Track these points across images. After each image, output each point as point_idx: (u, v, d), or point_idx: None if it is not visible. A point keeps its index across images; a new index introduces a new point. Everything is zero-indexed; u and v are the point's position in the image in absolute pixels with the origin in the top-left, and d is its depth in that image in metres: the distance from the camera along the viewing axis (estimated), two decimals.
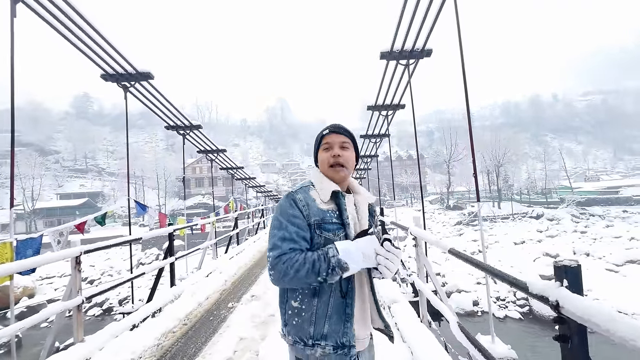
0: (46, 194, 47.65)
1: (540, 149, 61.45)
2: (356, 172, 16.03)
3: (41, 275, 21.28)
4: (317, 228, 1.00)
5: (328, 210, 1.03)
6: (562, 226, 25.84)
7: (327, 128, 1.13)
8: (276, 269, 0.94)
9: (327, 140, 1.10)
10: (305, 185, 1.09)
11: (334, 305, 0.99)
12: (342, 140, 1.10)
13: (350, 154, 1.11)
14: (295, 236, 0.98)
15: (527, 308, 13.63)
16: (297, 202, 1.02)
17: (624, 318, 0.78)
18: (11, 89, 3.06)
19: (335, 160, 1.07)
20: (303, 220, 1.00)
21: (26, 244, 3.06)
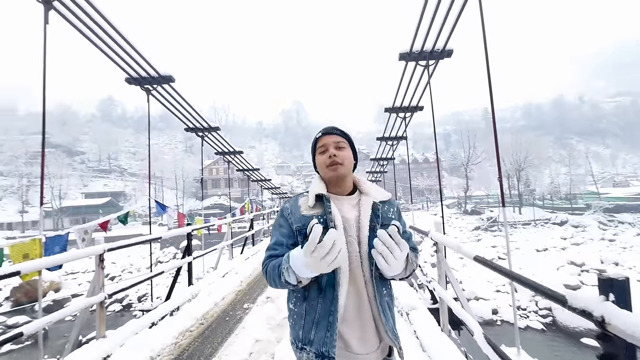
0: (72, 193, 49.90)
1: (564, 152, 58.94)
2: (371, 175, 15.87)
3: (66, 270, 22.23)
4: (299, 234, 1.02)
5: (312, 215, 1.01)
6: (588, 233, 24.58)
7: (320, 131, 1.12)
8: (263, 272, 1.04)
9: (322, 143, 1.09)
10: (300, 193, 1.13)
11: (321, 311, 0.97)
12: (336, 140, 1.08)
13: (347, 152, 1.08)
14: (276, 245, 1.05)
15: (550, 318, 13.02)
16: (284, 211, 1.09)
17: None
18: (43, 93, 3.20)
19: (331, 160, 1.04)
20: (288, 228, 1.05)
21: (54, 241, 3.17)
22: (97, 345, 2.69)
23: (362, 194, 1.10)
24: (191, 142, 73.21)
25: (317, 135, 1.11)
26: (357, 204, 1.07)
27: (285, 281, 0.92)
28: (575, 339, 11.34)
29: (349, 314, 0.99)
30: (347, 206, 1.06)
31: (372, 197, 1.07)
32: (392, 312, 1.05)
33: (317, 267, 0.84)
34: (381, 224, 1.03)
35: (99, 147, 67.91)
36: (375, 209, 1.05)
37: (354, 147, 1.13)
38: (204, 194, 19.90)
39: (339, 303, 0.95)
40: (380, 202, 1.08)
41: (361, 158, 62.89)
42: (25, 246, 2.80)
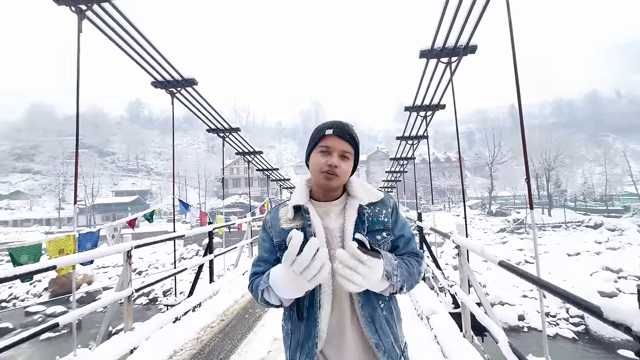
0: (103, 191, 52.83)
1: (599, 150, 55.25)
2: (391, 175, 15.63)
3: (98, 264, 23.56)
4: (279, 250, 0.94)
5: (291, 228, 0.92)
6: (626, 237, 22.96)
7: (331, 127, 0.93)
8: (249, 290, 0.97)
9: (326, 144, 0.92)
10: (282, 202, 1.04)
11: (304, 332, 0.89)
12: (344, 149, 0.92)
13: (349, 164, 0.94)
14: (259, 261, 0.98)
15: (583, 327, 12.29)
16: (265, 224, 1.01)
17: None
18: (77, 97, 3.40)
19: (330, 169, 0.90)
20: (270, 242, 0.98)
21: (86, 237, 3.37)
22: (125, 338, 2.83)
23: (349, 197, 0.97)
24: (213, 142, 75.38)
25: (325, 133, 0.93)
26: (342, 209, 0.95)
27: (266, 302, 0.86)
28: (611, 350, 10.64)
29: (333, 337, 0.90)
30: (331, 214, 0.95)
31: (358, 199, 0.95)
32: (394, 327, 0.94)
33: (297, 284, 0.75)
34: (368, 230, 0.92)
35: (128, 148, 71.44)
36: (361, 214, 0.93)
37: (358, 156, 0.98)
38: (225, 193, 20.41)
39: (319, 327, 0.88)
40: (369, 204, 0.95)
41: (380, 157, 62.36)
42: (61, 242, 2.99)
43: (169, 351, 2.83)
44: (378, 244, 0.92)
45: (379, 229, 0.94)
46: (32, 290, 19.21)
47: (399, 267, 0.85)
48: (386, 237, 0.95)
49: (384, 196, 1.00)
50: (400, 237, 0.98)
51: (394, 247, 0.98)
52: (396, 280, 0.83)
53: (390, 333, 0.91)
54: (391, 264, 0.83)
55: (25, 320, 15.49)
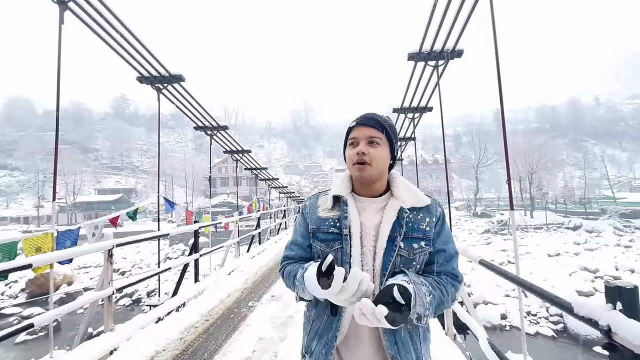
0: (86, 188, 51.19)
1: (579, 155, 57.41)
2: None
3: (79, 264, 22.82)
4: (313, 237, 0.95)
5: (328, 218, 0.93)
6: (603, 239, 23.91)
7: (355, 120, 0.94)
8: (280, 274, 0.99)
9: (353, 135, 0.92)
10: (323, 191, 1.03)
11: (325, 323, 0.89)
12: (371, 134, 0.90)
13: (380, 150, 0.90)
14: (293, 245, 1.00)
15: (561, 325, 12.70)
16: (304, 209, 1.02)
17: None
18: (57, 91, 3.29)
19: (359, 157, 0.89)
20: (305, 228, 0.98)
21: (65, 235, 3.26)
22: (104, 338, 2.75)
23: (392, 197, 0.93)
24: (201, 140, 74.21)
25: (351, 125, 0.94)
26: (382, 208, 0.92)
27: (300, 298, 0.90)
28: (588, 347, 11.04)
29: (352, 337, 0.89)
30: (370, 210, 0.92)
31: (400, 200, 0.90)
32: (419, 345, 0.87)
33: (337, 302, 0.75)
34: (405, 235, 0.87)
35: (112, 145, 69.49)
36: (401, 217, 0.88)
37: (394, 142, 0.94)
38: (212, 192, 20.14)
39: (342, 322, 0.87)
40: (412, 208, 0.90)
41: None
42: (38, 240, 2.89)
43: (150, 352, 2.77)
44: (414, 252, 0.87)
45: (417, 237, 0.88)
46: (8, 292, 18.43)
47: (430, 305, 0.79)
48: (424, 248, 0.88)
49: (431, 202, 0.94)
50: (441, 251, 0.90)
51: (430, 261, 0.90)
52: (425, 322, 0.79)
53: (412, 350, 0.85)
54: (424, 303, 0.76)
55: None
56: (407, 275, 0.80)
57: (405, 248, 0.86)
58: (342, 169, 68.06)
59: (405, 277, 0.79)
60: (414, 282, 0.78)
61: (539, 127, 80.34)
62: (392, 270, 0.85)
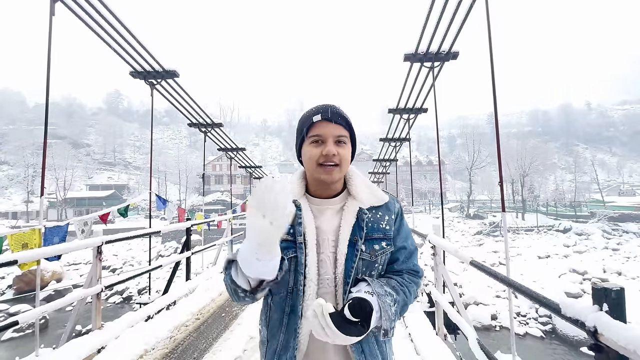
0: (77, 184, 50.35)
1: (570, 159, 58.34)
2: (374, 176, 15.83)
3: (68, 261, 22.47)
4: None
5: None
6: (592, 242, 24.35)
7: (319, 112, 0.82)
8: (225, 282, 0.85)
9: (317, 132, 0.81)
10: None
11: (283, 342, 0.80)
12: (339, 133, 0.81)
13: (348, 150, 0.83)
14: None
15: (550, 326, 12.91)
16: None
17: None
18: (47, 83, 3.22)
19: (327, 159, 0.79)
20: None
21: (53, 231, 3.20)
22: (92, 336, 2.71)
23: (349, 197, 0.87)
24: (195, 137, 73.64)
25: (314, 119, 0.81)
26: (340, 210, 0.85)
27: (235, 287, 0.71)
28: (575, 347, 11.24)
29: (315, 351, 0.80)
30: (327, 213, 0.85)
31: (359, 200, 0.84)
32: (384, 346, 0.84)
33: (260, 237, 0.61)
34: (366, 237, 0.81)
35: (104, 140, 68.50)
36: (360, 218, 0.82)
37: (355, 139, 0.88)
38: (206, 190, 20.00)
39: (299, 338, 0.79)
40: (371, 207, 0.85)
41: (364, 158, 63.00)
42: (25, 235, 2.83)
43: (139, 350, 2.74)
44: (375, 254, 0.82)
45: (378, 237, 0.83)
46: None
47: (395, 315, 0.74)
48: (385, 248, 0.84)
49: (389, 199, 0.89)
50: (402, 249, 0.87)
51: (392, 260, 0.87)
52: (392, 334, 0.74)
53: (378, 353, 0.82)
54: (389, 316, 0.71)
55: None
56: (371, 285, 0.75)
57: (367, 251, 0.81)
58: None
59: (369, 288, 0.74)
60: (378, 293, 0.72)
61: (532, 131, 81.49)
62: (355, 276, 0.79)
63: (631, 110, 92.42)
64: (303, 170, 0.91)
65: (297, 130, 0.88)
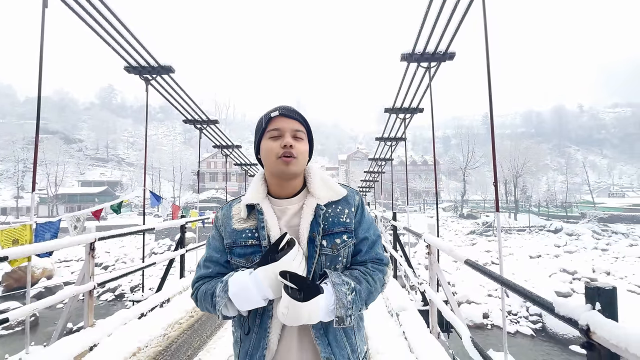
0: (69, 180, 49.65)
1: (562, 160, 59.28)
2: (369, 175, 15.87)
3: (59, 258, 22.17)
4: (230, 252, 0.86)
5: (244, 229, 0.84)
6: (582, 242, 24.77)
7: (276, 109, 0.86)
8: (193, 298, 0.89)
9: (275, 126, 0.84)
10: (235, 198, 0.94)
11: (254, 342, 0.82)
12: (295, 127, 0.85)
13: (304, 146, 0.86)
14: (207, 262, 0.89)
15: (540, 325, 13.13)
16: (217, 222, 0.92)
17: None
18: (39, 76, 3.16)
19: (286, 150, 0.82)
20: (220, 242, 0.89)
21: (45, 227, 3.15)
22: (84, 334, 2.68)
23: (308, 194, 0.88)
24: (190, 134, 73.08)
25: (272, 114, 0.85)
26: (300, 208, 0.87)
27: (223, 316, 0.80)
28: (564, 345, 11.44)
29: (284, 348, 0.82)
30: (289, 213, 0.87)
31: (317, 197, 0.86)
32: (353, 337, 0.85)
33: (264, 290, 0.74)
34: (326, 232, 0.83)
35: (97, 136, 67.60)
36: (317, 215, 0.84)
37: (312, 138, 0.92)
38: (201, 187, 19.85)
39: (269, 337, 0.81)
40: (329, 203, 0.87)
41: (360, 157, 63.19)
42: (15, 232, 2.78)
43: (132, 348, 2.71)
44: (337, 248, 0.84)
45: (338, 231, 0.85)
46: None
47: (353, 303, 0.77)
48: (347, 241, 0.85)
49: (348, 193, 0.91)
50: (364, 239, 0.89)
51: (356, 251, 0.89)
52: (349, 322, 0.76)
53: (346, 344, 0.83)
54: (344, 304, 0.75)
55: None
56: (329, 276, 0.78)
57: (328, 246, 0.83)
58: (333, 167, 68.14)
59: (326, 279, 0.78)
60: (334, 283, 0.76)
61: (525, 132, 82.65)
62: (318, 272, 0.82)
63: (622, 113, 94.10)
64: (263, 172, 0.93)
65: (255, 128, 0.91)
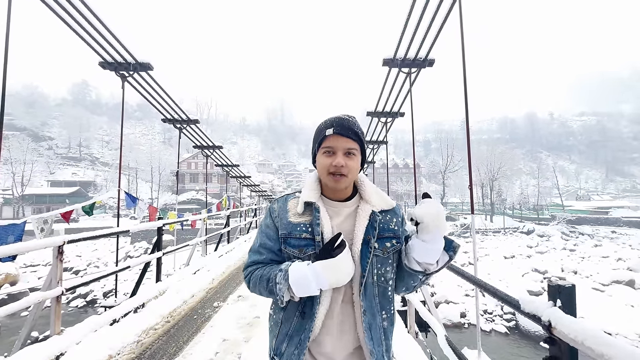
0: (37, 180, 46.81)
1: (534, 165, 62.17)
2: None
3: (25, 262, 20.84)
4: (284, 242, 0.94)
5: (300, 223, 0.93)
6: (552, 243, 26.09)
7: (332, 126, 0.92)
8: (245, 280, 0.97)
9: (329, 144, 0.92)
10: (291, 193, 1.03)
11: (296, 325, 0.90)
12: (349, 146, 0.92)
13: (356, 163, 0.93)
14: (261, 248, 0.97)
15: (514, 323, 13.67)
16: (272, 212, 0.99)
17: (620, 343, 0.75)
18: (4, 68, 2.98)
19: (336, 170, 0.90)
20: (275, 231, 0.96)
21: (8, 229, 2.96)
22: (50, 343, 2.53)
23: (361, 200, 0.97)
24: (170, 134, 70.97)
25: (327, 133, 0.92)
26: (354, 212, 0.96)
27: (280, 300, 0.87)
28: (536, 342, 11.97)
29: (327, 335, 0.91)
30: (342, 215, 0.95)
31: (371, 205, 0.95)
32: (389, 338, 0.95)
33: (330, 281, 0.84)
34: (378, 236, 0.92)
35: (69, 133, 64.17)
36: (373, 220, 0.93)
37: (365, 150, 0.98)
38: (181, 189, 19.32)
39: (315, 322, 0.88)
40: (381, 211, 0.96)
41: None
42: None
43: (103, 356, 2.60)
44: (387, 251, 0.93)
45: (388, 236, 0.94)
46: None
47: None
48: (395, 245, 0.95)
49: (395, 205, 1.01)
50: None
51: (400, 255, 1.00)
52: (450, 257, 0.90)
53: (384, 343, 0.92)
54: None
55: None
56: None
57: (380, 248, 0.91)
58: None
59: None
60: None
61: (501, 138, 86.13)
62: (371, 270, 0.91)
63: (588, 122, 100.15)
64: (317, 174, 1.01)
65: (313, 140, 1.00)
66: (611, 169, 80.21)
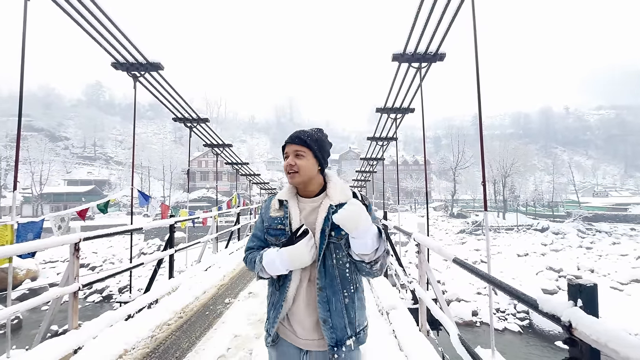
0: (54, 179, 48.30)
1: (549, 161, 60.56)
2: (361, 175, 15.93)
3: (44, 259, 21.57)
4: (266, 232, 1.19)
5: (276, 217, 1.16)
6: (567, 241, 25.39)
7: (287, 139, 1.18)
8: (244, 262, 1.24)
9: (286, 150, 1.16)
10: (276, 193, 1.24)
11: (279, 295, 1.13)
12: (296, 149, 1.13)
13: (305, 161, 1.12)
14: (254, 237, 1.23)
15: (527, 321, 13.41)
16: (261, 209, 1.26)
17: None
18: (21, 72, 3.06)
19: (289, 168, 1.12)
20: (262, 224, 1.22)
21: (27, 227, 3.06)
22: (68, 337, 2.61)
23: (326, 196, 1.15)
24: (180, 132, 71.99)
25: (284, 144, 1.18)
26: (318, 206, 1.14)
27: (260, 277, 1.14)
28: (550, 341, 11.71)
29: (298, 307, 1.12)
30: (308, 209, 1.15)
31: (331, 199, 1.12)
32: (353, 313, 1.10)
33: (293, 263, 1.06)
34: (334, 226, 1.07)
35: (84, 133, 65.84)
36: (329, 212, 1.09)
37: (321, 152, 1.15)
38: (191, 187, 19.61)
39: (287, 294, 1.10)
40: (339, 203, 1.10)
41: (351, 157, 63.39)
42: None
43: (118, 350, 2.66)
44: (342, 238, 1.08)
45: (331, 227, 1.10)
46: None
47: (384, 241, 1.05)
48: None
49: (351, 197, 1.13)
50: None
51: None
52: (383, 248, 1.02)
53: (345, 315, 1.09)
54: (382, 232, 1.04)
55: None
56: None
57: (336, 236, 1.09)
58: None
59: None
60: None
61: (514, 133, 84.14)
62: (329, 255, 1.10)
63: (606, 115, 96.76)
64: None
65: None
66: (630, 164, 77.35)
